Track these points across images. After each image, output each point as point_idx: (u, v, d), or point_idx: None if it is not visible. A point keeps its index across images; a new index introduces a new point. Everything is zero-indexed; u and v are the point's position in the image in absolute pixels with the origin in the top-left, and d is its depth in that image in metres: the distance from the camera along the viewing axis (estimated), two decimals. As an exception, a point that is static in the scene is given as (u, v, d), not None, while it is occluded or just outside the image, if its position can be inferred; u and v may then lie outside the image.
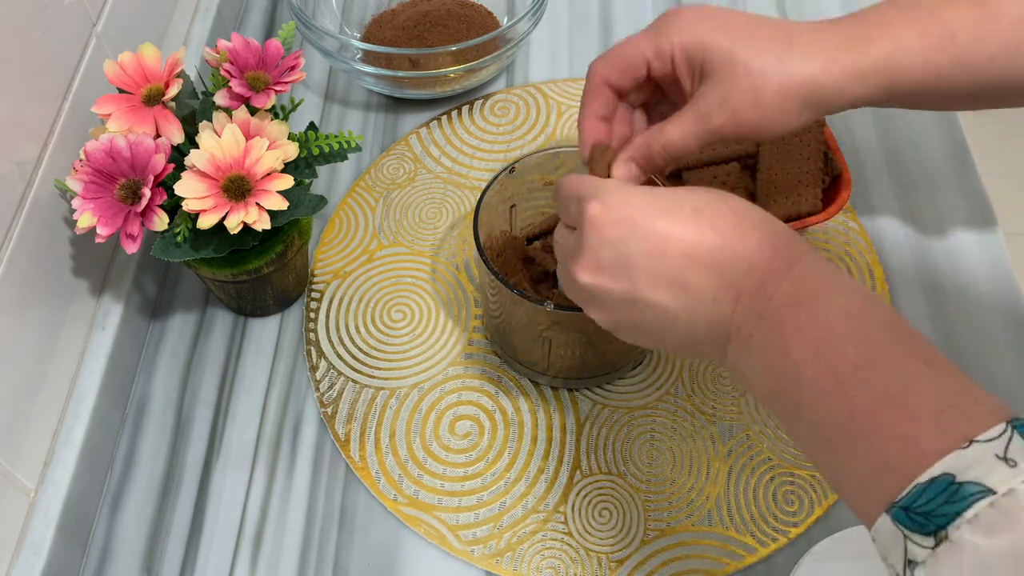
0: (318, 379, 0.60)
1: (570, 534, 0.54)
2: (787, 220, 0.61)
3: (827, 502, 0.54)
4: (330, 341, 0.62)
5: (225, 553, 0.54)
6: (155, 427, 0.59)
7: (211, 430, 0.59)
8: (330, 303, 0.64)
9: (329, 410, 0.59)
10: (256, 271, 0.57)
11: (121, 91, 0.53)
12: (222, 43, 0.54)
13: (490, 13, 0.77)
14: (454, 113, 0.73)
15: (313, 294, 0.64)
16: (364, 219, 0.68)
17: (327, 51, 0.69)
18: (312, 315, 0.63)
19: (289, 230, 0.58)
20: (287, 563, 0.54)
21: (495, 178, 0.56)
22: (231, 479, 0.57)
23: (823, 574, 0.50)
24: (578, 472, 0.56)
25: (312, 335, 0.62)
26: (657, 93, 0.50)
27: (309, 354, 0.61)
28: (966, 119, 0.72)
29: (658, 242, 0.40)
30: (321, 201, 0.55)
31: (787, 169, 0.61)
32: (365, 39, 0.76)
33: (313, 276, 0.65)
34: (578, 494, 0.56)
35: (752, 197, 0.64)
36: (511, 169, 0.56)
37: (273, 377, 0.61)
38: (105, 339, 0.58)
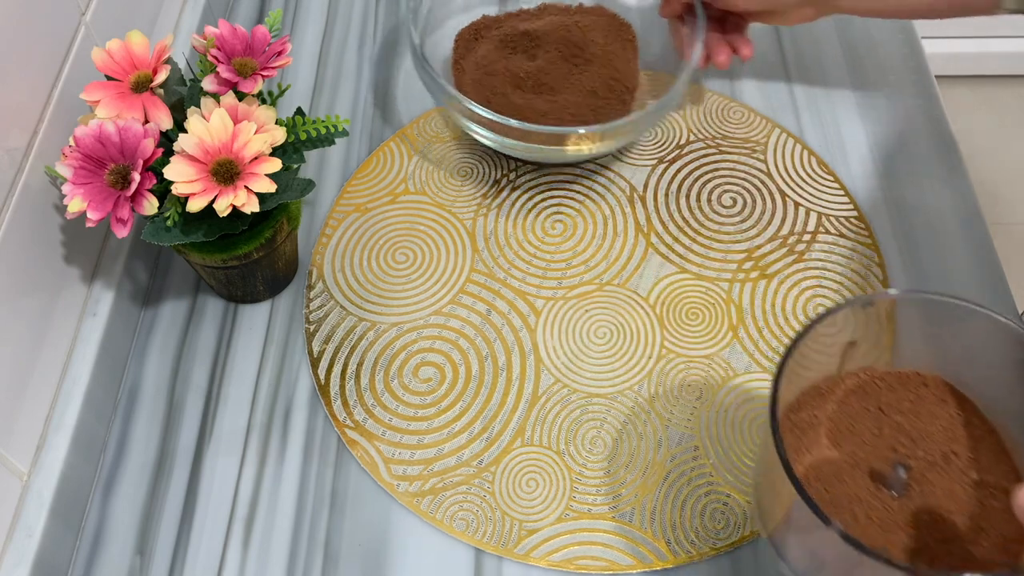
0: (311, 297, 0.64)
1: (492, 494, 0.56)
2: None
3: (755, 531, 0.54)
4: (333, 266, 0.65)
5: (217, 535, 0.55)
6: (147, 412, 0.60)
7: (203, 415, 0.60)
8: (344, 231, 0.67)
9: (311, 328, 0.63)
10: (246, 256, 0.58)
11: (109, 78, 0.54)
12: (209, 29, 0.55)
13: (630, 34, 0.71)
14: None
15: (331, 222, 0.67)
16: (400, 163, 0.71)
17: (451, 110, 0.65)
18: (325, 240, 0.66)
19: (278, 216, 0.58)
20: (279, 543, 0.55)
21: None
22: (223, 463, 0.58)
23: None
24: (520, 439, 0.58)
25: (319, 257, 0.66)
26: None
27: (311, 273, 0.65)
28: (951, 110, 0.73)
29: None
30: (309, 185, 0.55)
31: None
32: (458, 49, 0.71)
33: (337, 205, 0.68)
34: (512, 459, 0.57)
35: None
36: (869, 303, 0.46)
37: (264, 363, 0.62)
38: (97, 325, 0.58)
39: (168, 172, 0.50)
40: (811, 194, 0.68)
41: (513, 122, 0.60)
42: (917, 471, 0.44)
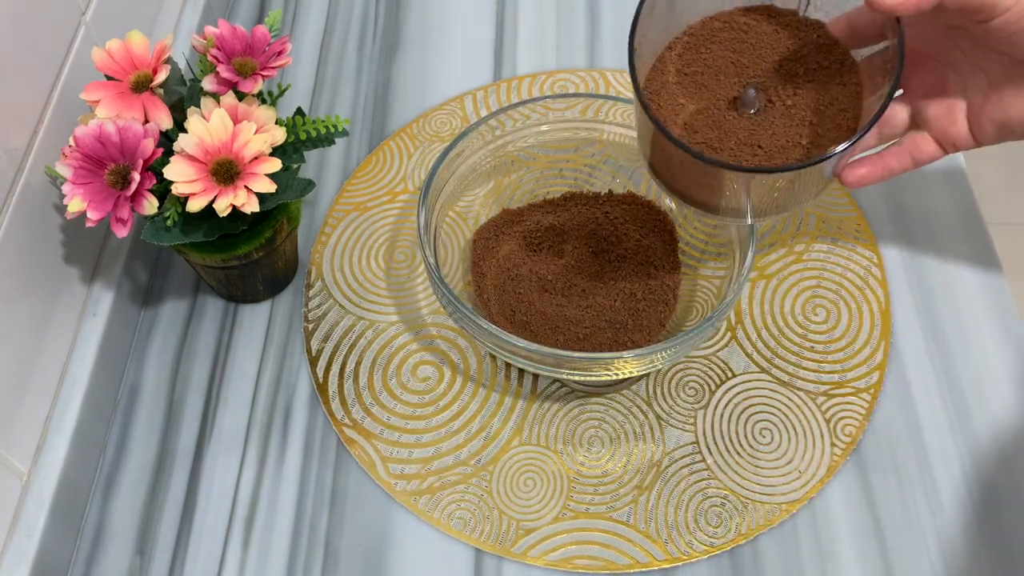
0: (310, 296, 0.64)
1: (490, 493, 0.56)
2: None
3: (753, 531, 0.54)
4: (332, 265, 0.66)
5: (217, 535, 0.55)
6: (147, 412, 0.60)
7: (203, 415, 0.60)
8: (343, 231, 0.67)
9: (310, 326, 0.63)
10: (246, 256, 0.58)
11: (109, 78, 0.54)
12: (209, 29, 0.55)
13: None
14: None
15: (331, 220, 0.68)
16: (399, 163, 0.71)
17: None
18: (324, 238, 0.67)
19: (278, 216, 0.58)
20: (279, 543, 0.55)
21: None
22: (223, 463, 0.58)
23: None
24: (517, 439, 0.58)
25: (318, 255, 0.66)
26: None
27: (309, 272, 0.65)
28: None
29: None
30: (309, 185, 0.55)
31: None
32: (476, 250, 0.63)
33: (337, 204, 0.69)
34: (510, 458, 0.57)
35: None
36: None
37: (264, 363, 0.62)
38: (96, 325, 0.58)
39: (168, 172, 0.50)
40: (811, 194, 0.68)
41: (547, 350, 0.51)
42: (771, 90, 0.49)
